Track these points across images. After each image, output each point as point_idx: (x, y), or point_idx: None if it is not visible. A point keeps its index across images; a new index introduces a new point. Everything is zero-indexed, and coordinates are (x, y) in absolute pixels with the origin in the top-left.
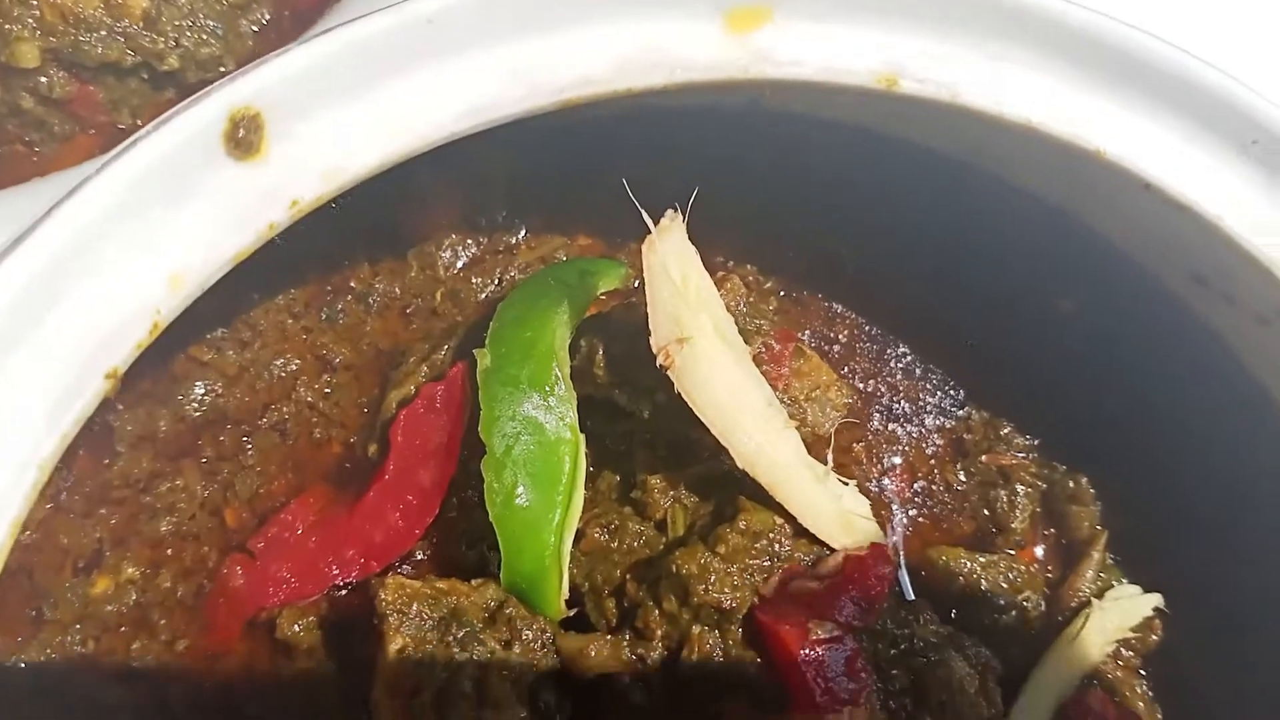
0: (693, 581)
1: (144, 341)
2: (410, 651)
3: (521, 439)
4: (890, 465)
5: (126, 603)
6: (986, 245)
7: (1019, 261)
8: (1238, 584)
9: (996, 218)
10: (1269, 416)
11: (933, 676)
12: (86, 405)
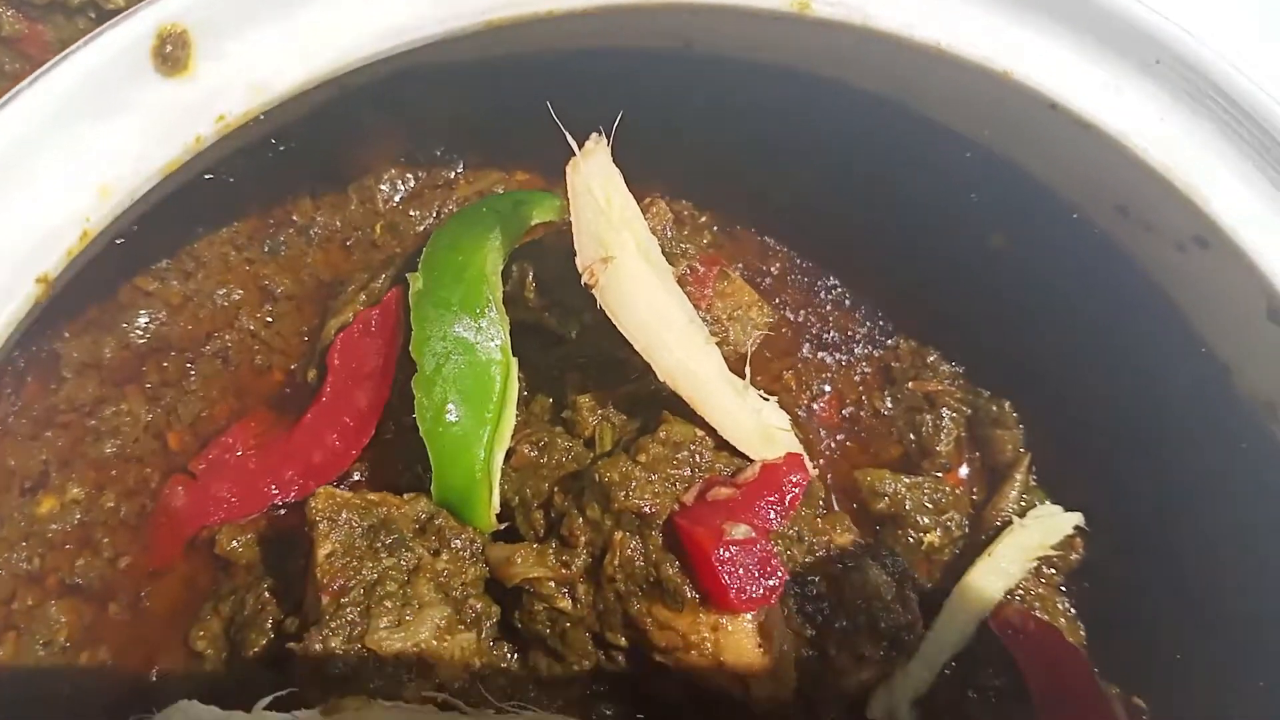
0: (614, 489)
1: (74, 249)
2: (339, 555)
3: (452, 358)
4: (819, 392)
5: (71, 522)
6: (915, 183)
7: (948, 198)
8: (1158, 502)
9: (925, 156)
10: (1185, 339)
11: (849, 583)
12: (18, 308)
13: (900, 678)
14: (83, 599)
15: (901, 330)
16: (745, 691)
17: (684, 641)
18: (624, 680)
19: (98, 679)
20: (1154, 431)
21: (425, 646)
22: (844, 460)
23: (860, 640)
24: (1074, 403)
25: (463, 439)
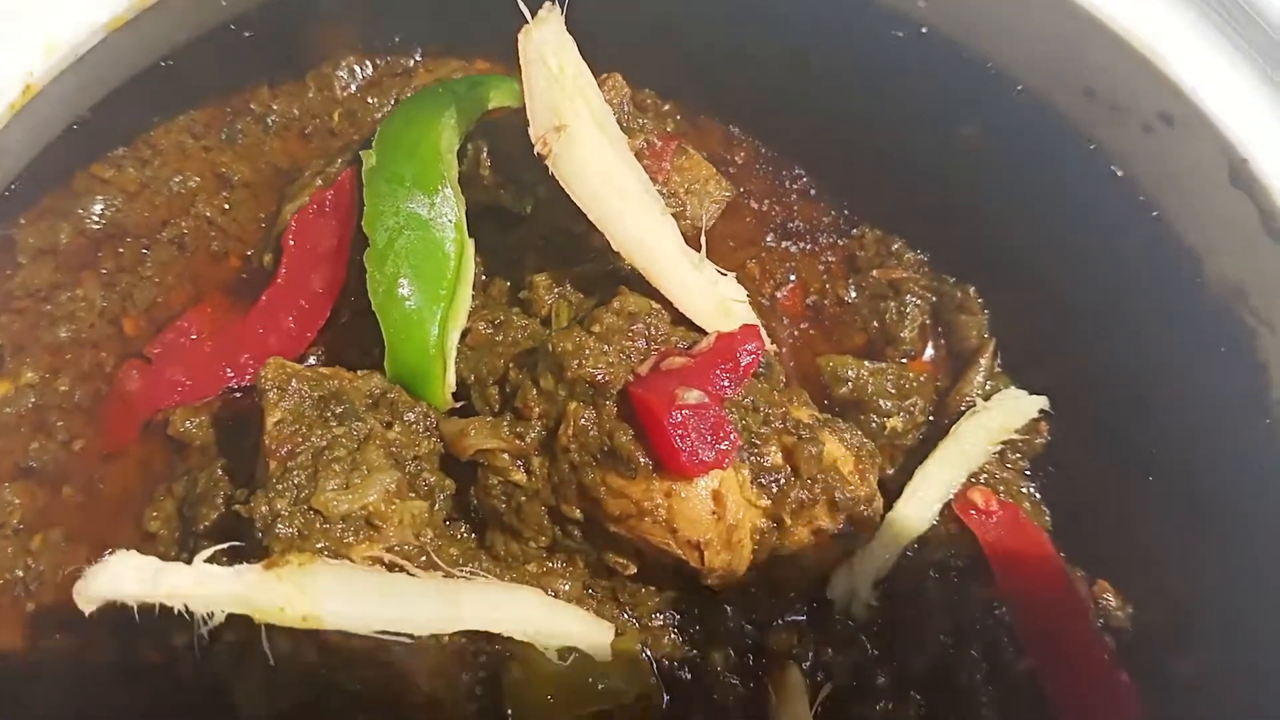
0: (567, 358)
1: (16, 103)
2: (287, 423)
3: (405, 234)
4: (783, 281)
5: (25, 406)
6: (883, 74)
7: (916, 89)
8: (1125, 389)
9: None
10: (1149, 222)
11: (806, 454)
12: None
13: (861, 558)
14: (36, 482)
15: (867, 219)
16: (700, 561)
17: (638, 509)
18: (580, 554)
19: (48, 560)
20: (1122, 318)
21: (373, 509)
22: (807, 348)
23: (818, 512)
24: (1040, 289)
25: (416, 315)
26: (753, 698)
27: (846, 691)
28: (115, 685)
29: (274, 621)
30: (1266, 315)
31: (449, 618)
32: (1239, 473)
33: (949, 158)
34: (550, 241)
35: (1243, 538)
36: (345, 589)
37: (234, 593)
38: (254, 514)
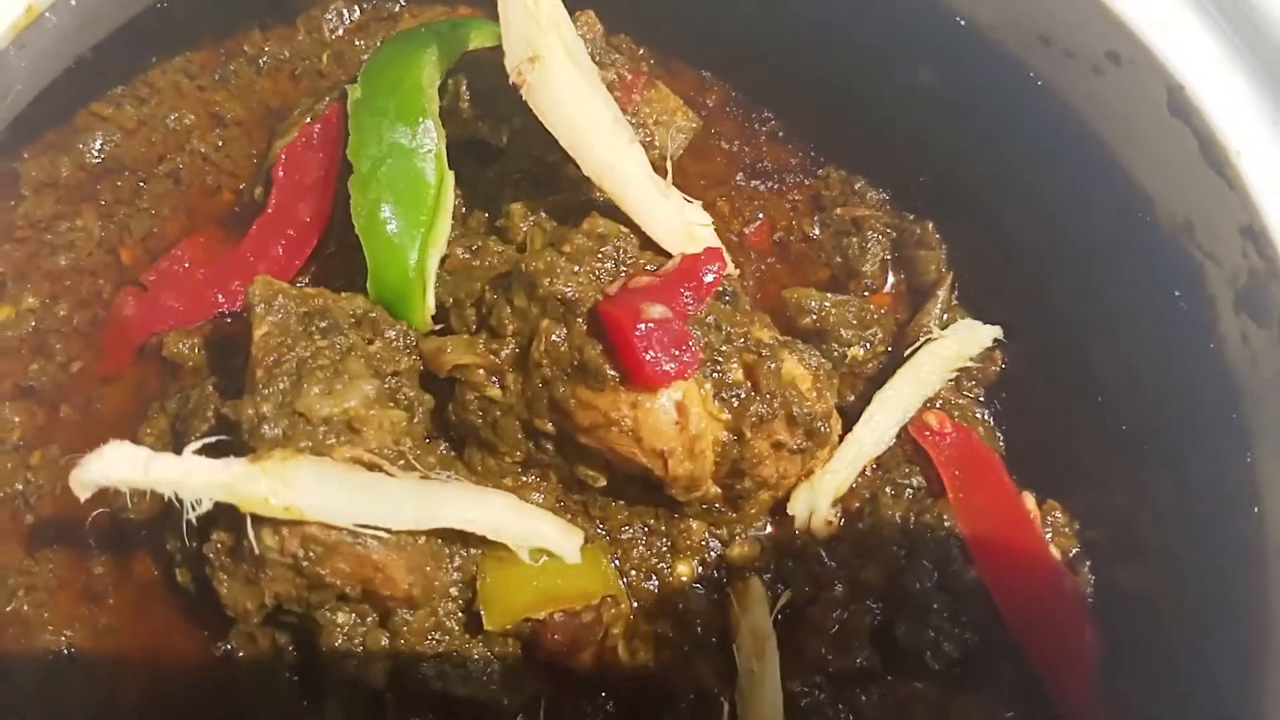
0: (539, 276)
1: (20, 22)
2: (274, 335)
3: (387, 162)
4: (752, 218)
5: (25, 329)
6: (848, 22)
7: (880, 36)
8: (1078, 321)
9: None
10: (1101, 161)
11: (765, 370)
12: None
13: (821, 476)
14: (36, 401)
15: (832, 160)
16: (664, 469)
17: (606, 419)
18: (553, 469)
19: (47, 476)
20: (1076, 254)
21: (354, 414)
22: (774, 281)
23: (776, 426)
24: (997, 226)
25: (397, 239)
26: (716, 607)
27: (805, 600)
28: (108, 593)
29: (258, 511)
30: (1211, 249)
31: (424, 516)
32: (1184, 398)
33: (911, 102)
34: (526, 174)
35: (1183, 458)
36: (325, 484)
37: (221, 481)
38: (241, 416)
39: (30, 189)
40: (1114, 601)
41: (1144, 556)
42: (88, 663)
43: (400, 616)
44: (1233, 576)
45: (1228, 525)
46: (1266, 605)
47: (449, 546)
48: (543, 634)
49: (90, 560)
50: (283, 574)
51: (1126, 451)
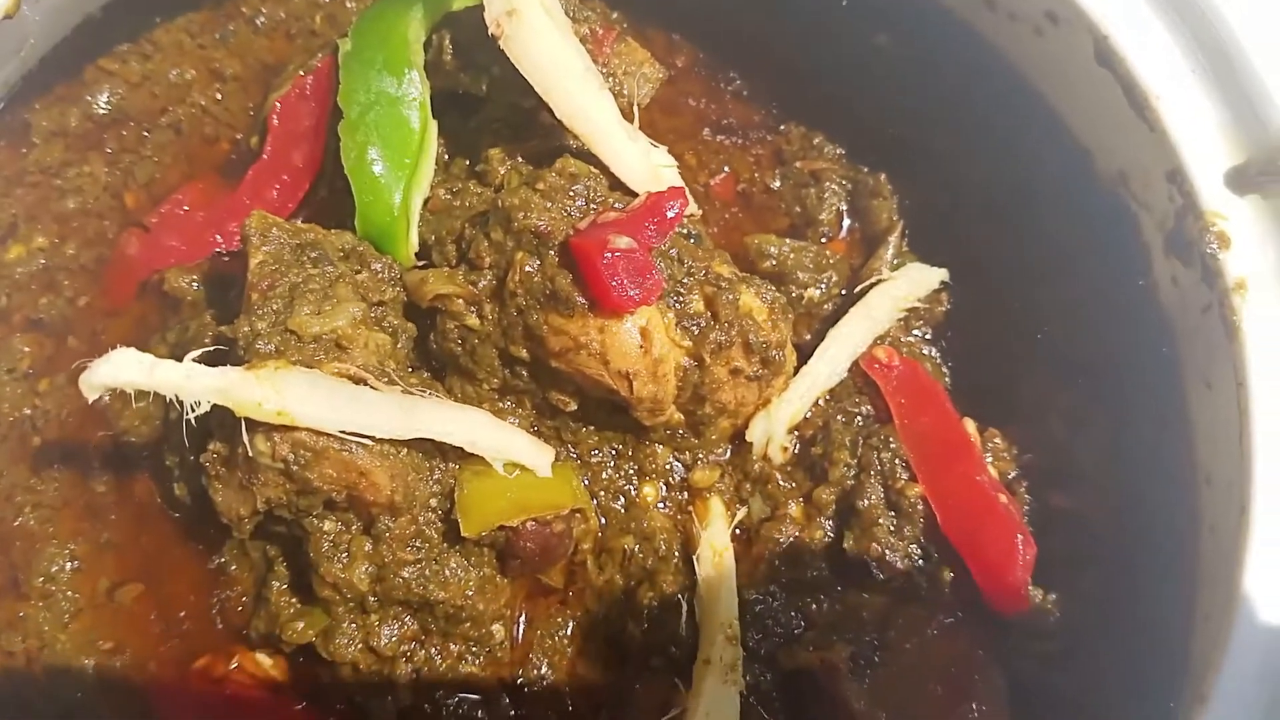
0: (515, 211)
1: None
2: (269, 263)
3: (375, 109)
4: (717, 170)
5: (36, 266)
6: None
7: (837, 3)
8: (1021, 266)
9: None
10: (1042, 116)
11: (723, 300)
12: None
13: (777, 405)
14: (44, 333)
15: (792, 117)
16: (630, 390)
17: (575, 343)
18: (527, 395)
19: (54, 402)
20: (1020, 205)
21: (342, 333)
22: (737, 229)
23: (734, 353)
24: (946, 178)
25: (383, 180)
26: (678, 526)
27: (761, 518)
28: (109, 510)
29: (252, 415)
30: (1144, 198)
31: (406, 426)
32: (1118, 336)
33: (866, 64)
34: (505, 122)
35: (1116, 388)
36: (315, 393)
37: (218, 386)
38: (237, 334)
39: (41, 138)
40: (1049, 519)
41: (1078, 479)
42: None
43: (383, 523)
44: (1164, 499)
45: (1159, 452)
46: (1196, 527)
47: (429, 460)
48: (516, 542)
49: (93, 480)
50: (274, 479)
51: (1064, 385)
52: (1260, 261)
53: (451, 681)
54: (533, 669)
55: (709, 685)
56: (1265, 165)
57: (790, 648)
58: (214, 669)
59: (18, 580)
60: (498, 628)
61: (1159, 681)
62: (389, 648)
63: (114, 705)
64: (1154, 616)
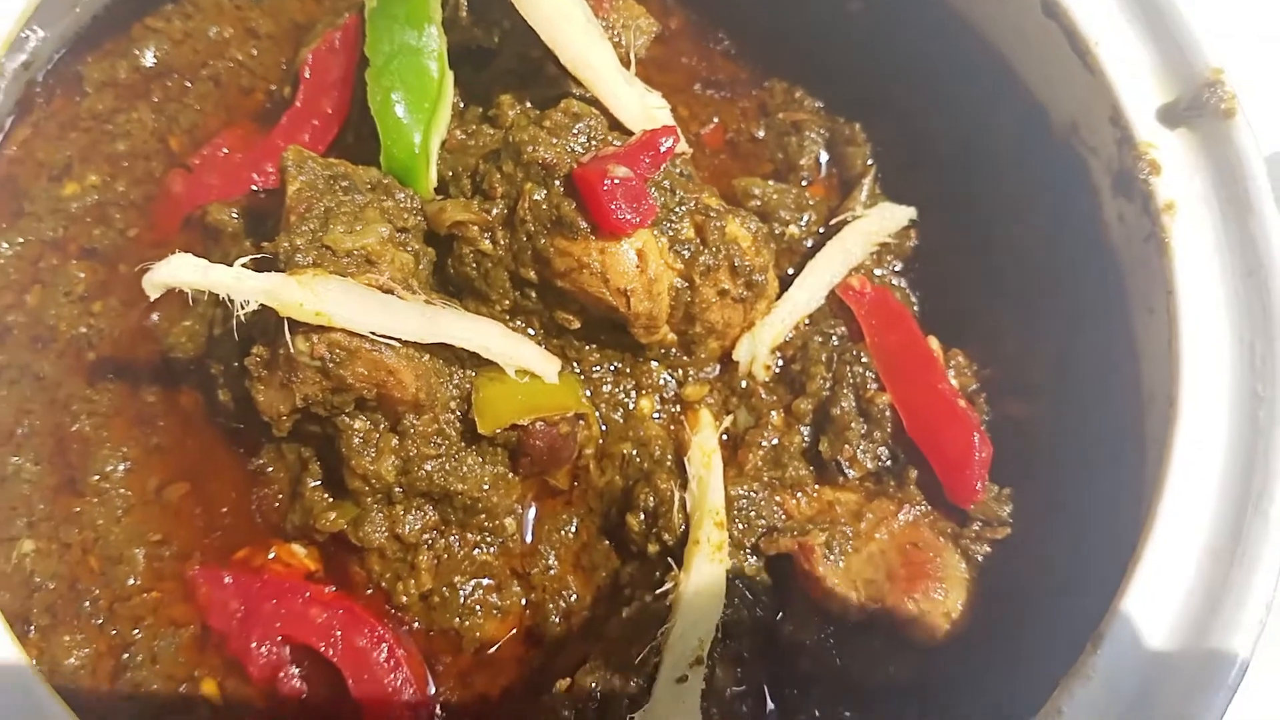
0: (524, 145)
1: None
2: (305, 190)
3: (398, 58)
4: (707, 120)
5: (90, 201)
6: None
7: None
8: (983, 209)
9: None
10: (1002, 75)
11: (711, 228)
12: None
13: (761, 327)
14: (98, 261)
15: (776, 74)
16: (627, 306)
17: (579, 263)
18: (536, 315)
19: (106, 321)
20: (982, 152)
21: (371, 249)
22: (725, 175)
23: (721, 275)
24: (915, 127)
25: (405, 121)
26: (672, 434)
27: (746, 427)
28: (158, 418)
29: (294, 315)
30: (1092, 144)
31: (429, 330)
32: (1070, 267)
33: (842, 26)
34: (514, 73)
35: (1068, 314)
36: (349, 297)
37: (265, 287)
38: (278, 248)
39: (92, 87)
40: (1005, 427)
41: (1032, 392)
42: (141, 476)
43: (408, 421)
44: (1109, 411)
45: (1107, 372)
46: (1142, 440)
47: (449, 366)
48: (526, 440)
49: (142, 391)
50: (311, 377)
51: (1020, 311)
52: (1186, 187)
53: (468, 568)
54: (541, 560)
55: (698, 562)
56: (1191, 101)
57: (772, 535)
58: (253, 559)
59: (75, 480)
60: (510, 521)
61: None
62: (412, 535)
63: (163, 590)
64: (1097, 513)
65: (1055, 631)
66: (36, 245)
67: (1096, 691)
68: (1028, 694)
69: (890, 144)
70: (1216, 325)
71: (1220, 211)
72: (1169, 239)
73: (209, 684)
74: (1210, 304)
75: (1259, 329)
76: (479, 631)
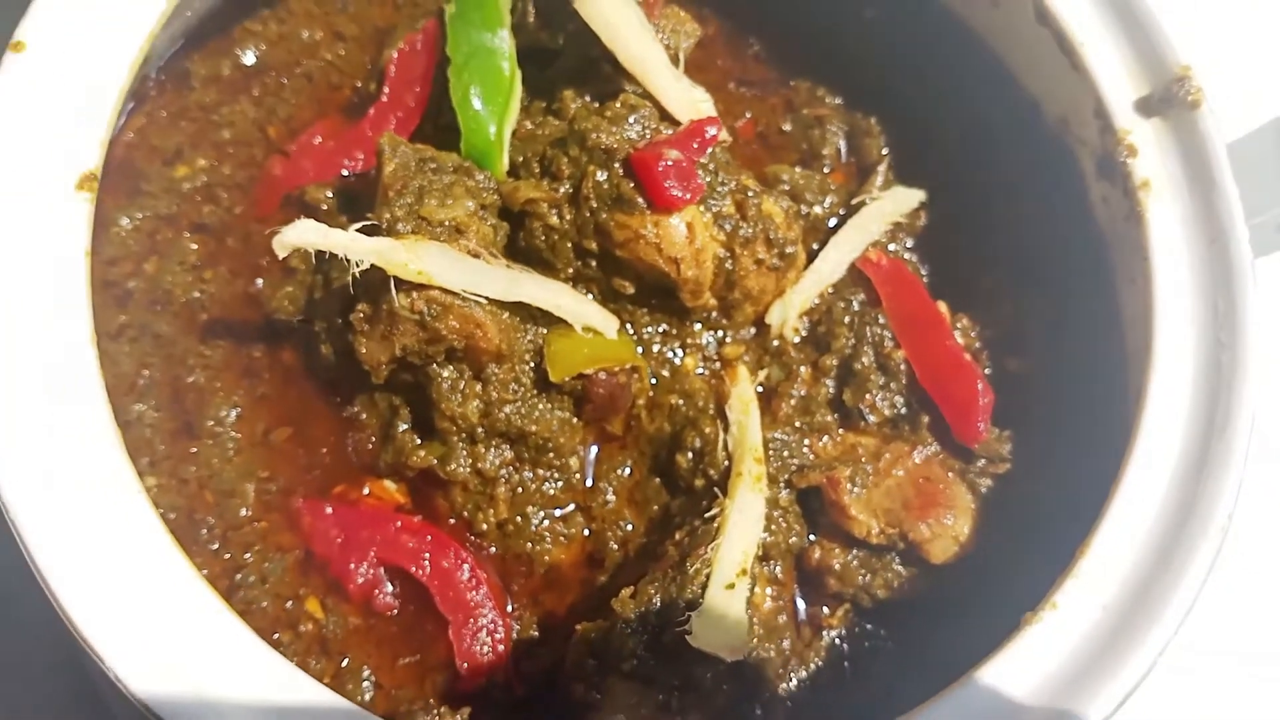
0: (588, 132)
1: None
2: (399, 170)
3: (475, 58)
4: (740, 116)
5: (199, 182)
6: None
7: None
8: (985, 194)
9: None
10: (998, 73)
11: (749, 204)
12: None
13: (791, 294)
14: (208, 235)
15: (801, 74)
16: (678, 273)
17: (636, 235)
18: (595, 283)
19: (216, 287)
20: (984, 143)
21: (459, 221)
22: (757, 162)
23: (758, 246)
24: (924, 120)
25: (482, 113)
26: (713, 387)
27: (778, 380)
28: (263, 371)
29: (399, 274)
30: (1081, 135)
31: (511, 290)
32: (1062, 244)
33: (859, 32)
34: (575, 72)
35: (1059, 283)
36: (445, 260)
37: (375, 249)
38: (379, 219)
39: (199, 83)
40: (1005, 379)
41: (1028, 350)
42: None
43: (490, 370)
44: (1101, 370)
45: (1094, 331)
46: (1126, 393)
47: (525, 323)
48: (590, 388)
49: (249, 348)
50: (410, 329)
51: (1017, 280)
52: (1159, 167)
53: (539, 500)
54: (600, 495)
55: (740, 490)
56: (1163, 93)
57: (803, 471)
58: (349, 494)
59: (191, 425)
60: (574, 460)
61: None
62: (491, 470)
63: (270, 520)
64: (1086, 447)
65: (1050, 548)
66: (153, 220)
67: (1084, 586)
68: (1028, 600)
69: (902, 135)
70: (1186, 284)
71: (1188, 188)
72: (1145, 212)
73: (312, 602)
74: (1180, 266)
75: (1221, 287)
76: (548, 556)
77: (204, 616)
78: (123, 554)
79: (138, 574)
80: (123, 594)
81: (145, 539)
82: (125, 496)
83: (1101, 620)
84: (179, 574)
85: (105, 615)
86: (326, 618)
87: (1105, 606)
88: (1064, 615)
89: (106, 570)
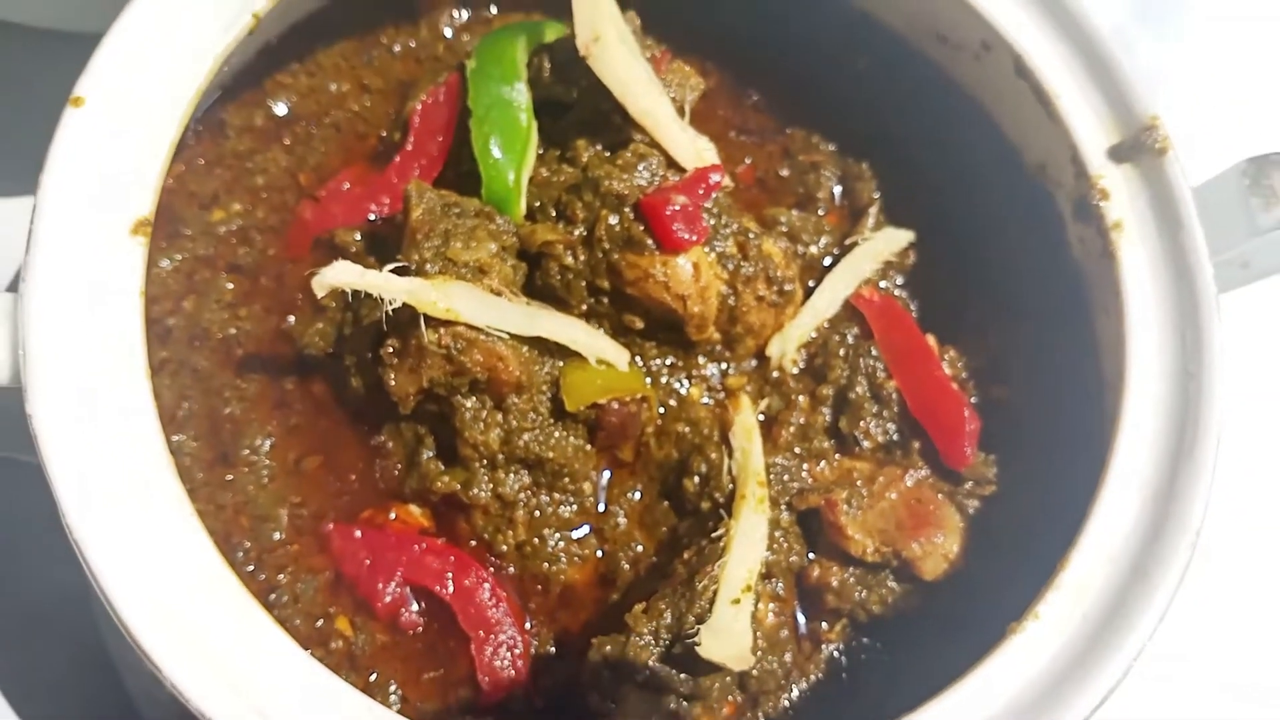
0: (601, 179)
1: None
2: (425, 215)
3: (495, 109)
4: (740, 162)
5: (234, 225)
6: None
7: (829, 37)
8: (972, 232)
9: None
10: (980, 121)
11: (750, 245)
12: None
13: (789, 328)
14: (243, 275)
15: (796, 123)
16: (684, 309)
17: (645, 274)
18: (607, 318)
19: (251, 324)
20: (966, 186)
21: (483, 262)
22: (755, 205)
23: (759, 284)
24: (913, 169)
25: (501, 162)
26: (717, 416)
27: (778, 409)
28: (295, 403)
29: (428, 311)
30: (1058, 180)
31: (530, 325)
32: (1041, 280)
33: (852, 81)
34: (587, 123)
35: (1039, 316)
36: (471, 298)
37: (408, 288)
38: (410, 260)
39: (234, 132)
40: (990, 407)
41: (1011, 379)
42: (283, 450)
43: (510, 400)
44: (1077, 396)
45: (1072, 363)
46: (1102, 418)
47: (543, 356)
48: (603, 417)
49: (282, 381)
50: (438, 362)
51: (1000, 315)
52: (1130, 209)
53: (554, 522)
54: (612, 518)
55: (745, 511)
56: (1134, 142)
57: (802, 494)
58: (376, 518)
59: (227, 454)
60: (587, 485)
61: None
62: (511, 494)
63: (302, 544)
64: (1064, 471)
65: (1034, 563)
66: (191, 261)
67: (1066, 597)
68: (1013, 612)
69: (892, 180)
70: (1155, 317)
71: (1157, 229)
72: (1117, 251)
73: (342, 620)
74: (1150, 301)
75: (1188, 320)
76: (564, 575)
77: (255, 631)
78: (180, 573)
79: (193, 592)
80: (180, 611)
81: (200, 560)
82: (181, 520)
83: (1081, 628)
84: (232, 593)
85: (165, 631)
86: (356, 635)
87: (1085, 616)
88: (1046, 624)
89: (165, 589)
